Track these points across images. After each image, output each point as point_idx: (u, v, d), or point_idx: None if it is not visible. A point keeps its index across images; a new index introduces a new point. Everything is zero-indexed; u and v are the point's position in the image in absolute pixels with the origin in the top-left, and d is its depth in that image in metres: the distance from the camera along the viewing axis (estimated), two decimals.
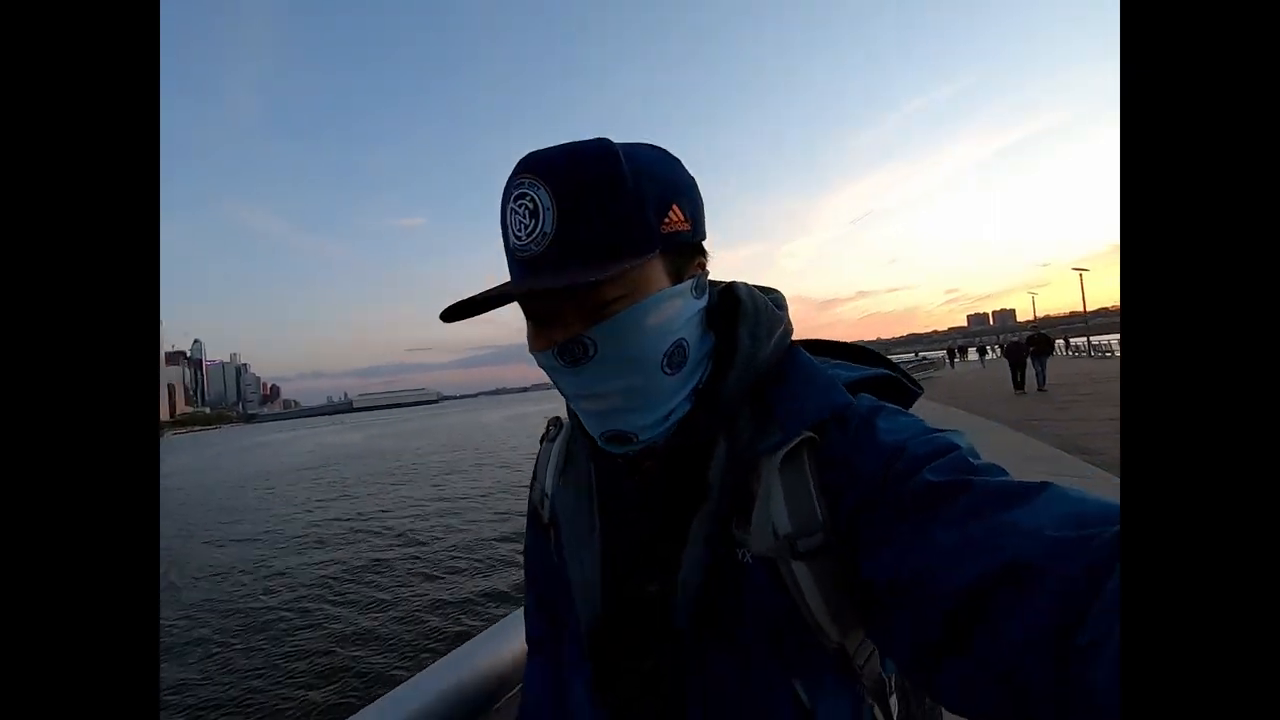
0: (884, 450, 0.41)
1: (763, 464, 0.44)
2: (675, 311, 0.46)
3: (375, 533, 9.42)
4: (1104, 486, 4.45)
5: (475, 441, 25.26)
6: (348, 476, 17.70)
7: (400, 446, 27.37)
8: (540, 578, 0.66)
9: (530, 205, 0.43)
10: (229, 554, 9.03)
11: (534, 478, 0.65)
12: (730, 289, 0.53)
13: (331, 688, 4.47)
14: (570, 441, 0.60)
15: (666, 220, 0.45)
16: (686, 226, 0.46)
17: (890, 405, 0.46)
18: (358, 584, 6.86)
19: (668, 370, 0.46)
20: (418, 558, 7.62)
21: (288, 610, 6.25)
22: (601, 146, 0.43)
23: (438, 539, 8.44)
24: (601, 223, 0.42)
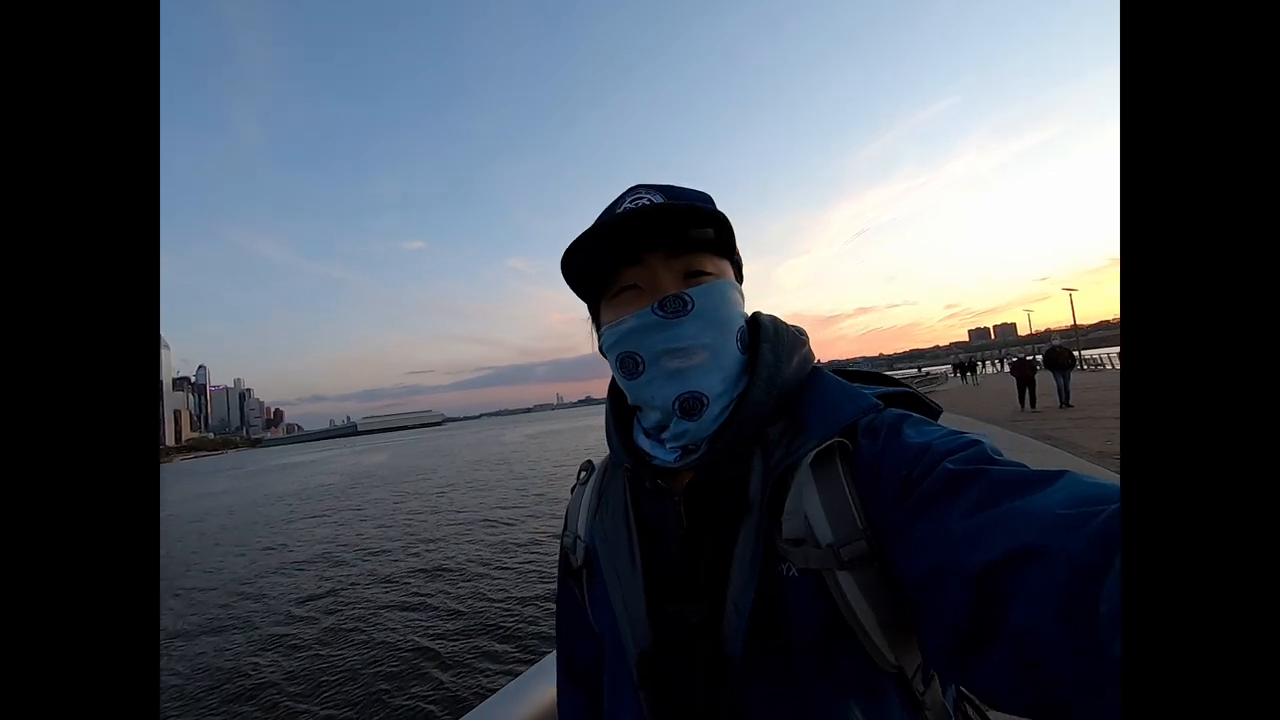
0: (910, 451, 0.42)
1: (796, 473, 0.46)
2: (740, 303, 0.55)
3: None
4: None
5: (526, 456, 26.63)
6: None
7: (438, 465, 28.60)
8: (570, 636, 0.67)
9: (646, 204, 0.50)
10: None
11: (565, 525, 0.66)
12: (754, 316, 0.57)
13: None
14: (602, 482, 0.62)
15: (734, 247, 0.55)
16: (741, 260, 0.58)
17: (917, 415, 0.48)
18: None
19: (740, 347, 0.52)
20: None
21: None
22: (699, 190, 0.56)
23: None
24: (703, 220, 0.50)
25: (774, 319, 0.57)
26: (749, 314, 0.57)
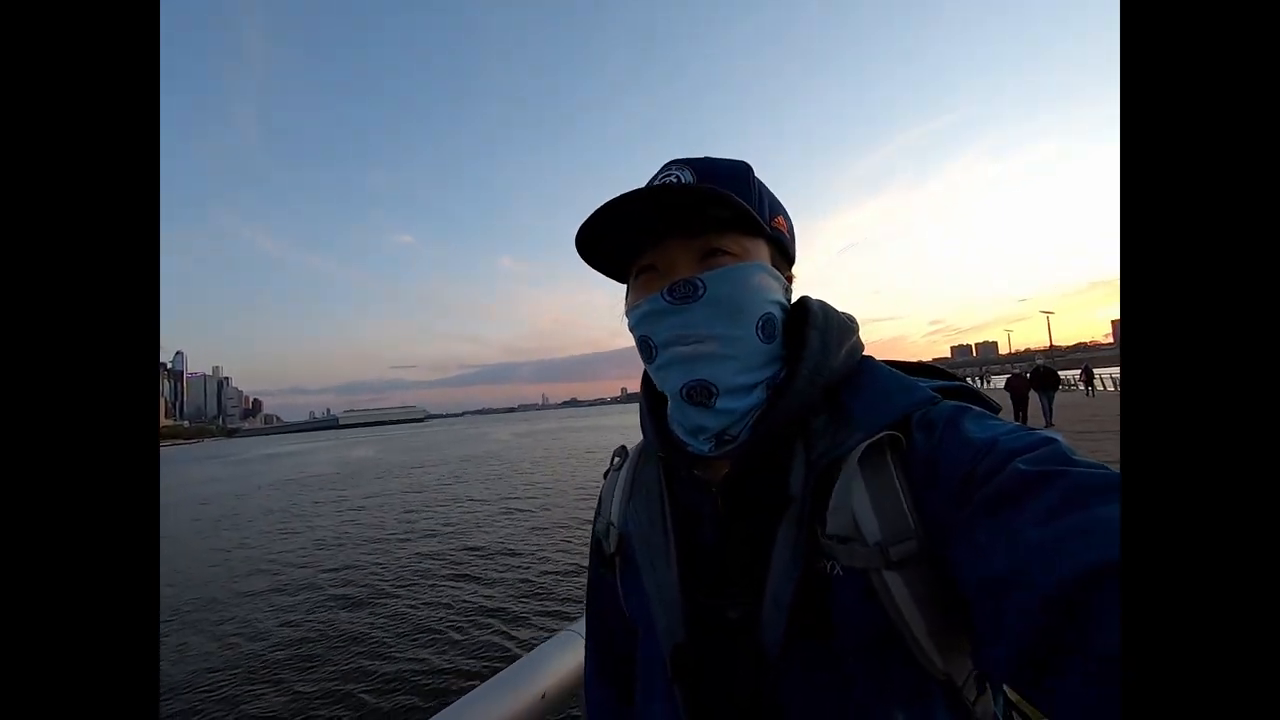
0: (973, 446, 0.40)
1: (844, 467, 0.43)
2: (772, 286, 0.51)
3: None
4: None
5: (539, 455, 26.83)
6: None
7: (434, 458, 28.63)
8: (602, 621, 0.67)
9: (674, 181, 0.49)
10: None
11: (598, 511, 0.65)
12: (803, 301, 0.54)
13: None
14: (636, 468, 0.61)
15: (775, 222, 0.52)
16: (787, 235, 0.54)
17: (977, 408, 0.45)
18: None
19: (760, 336, 0.49)
20: None
21: None
22: (737, 160, 0.53)
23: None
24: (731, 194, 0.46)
25: (824, 304, 0.55)
26: (796, 299, 0.56)
